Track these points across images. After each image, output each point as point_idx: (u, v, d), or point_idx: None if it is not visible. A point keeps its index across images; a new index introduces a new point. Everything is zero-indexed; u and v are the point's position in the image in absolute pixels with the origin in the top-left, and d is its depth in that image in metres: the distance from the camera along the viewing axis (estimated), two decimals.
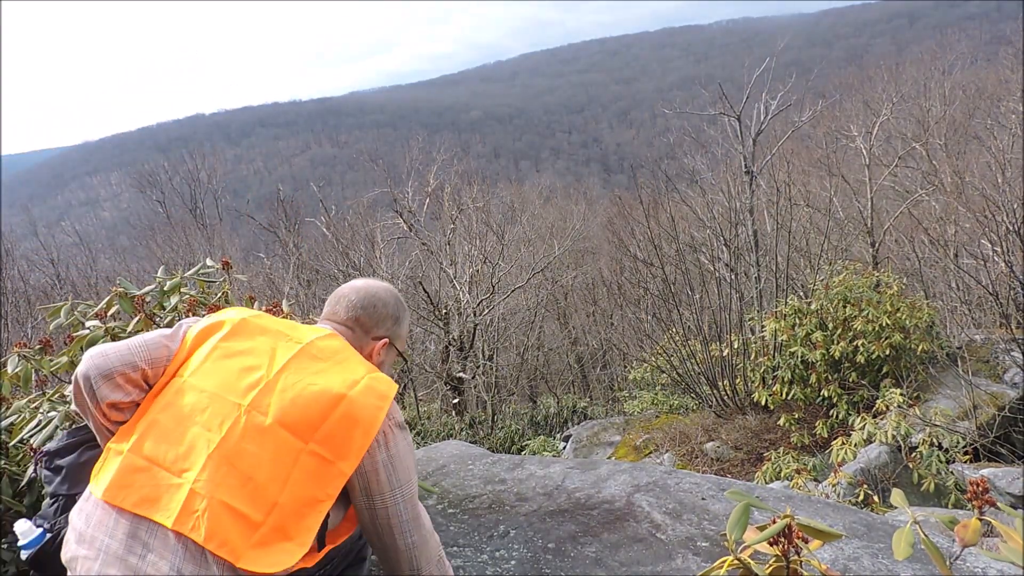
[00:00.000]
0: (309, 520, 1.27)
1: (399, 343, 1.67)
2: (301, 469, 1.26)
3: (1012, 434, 6.17)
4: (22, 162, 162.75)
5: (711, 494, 3.25)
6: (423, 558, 1.46)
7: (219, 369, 1.35)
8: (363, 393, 1.34)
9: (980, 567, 2.46)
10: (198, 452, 1.25)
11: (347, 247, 15.59)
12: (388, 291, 1.66)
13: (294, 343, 1.42)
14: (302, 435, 1.28)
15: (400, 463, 1.38)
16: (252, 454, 1.25)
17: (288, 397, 1.30)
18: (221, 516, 1.20)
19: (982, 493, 1.10)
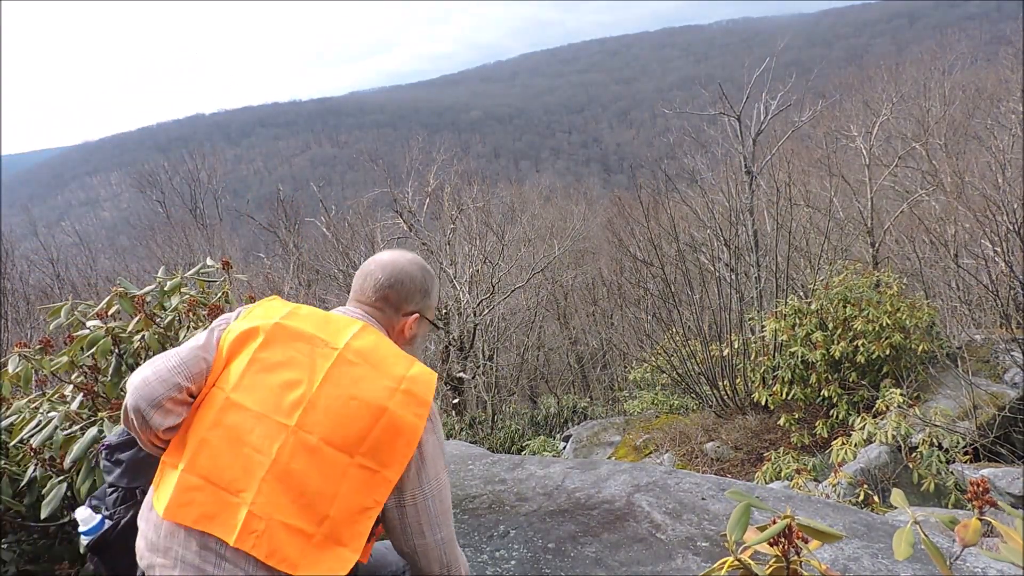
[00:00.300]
0: (360, 526, 1.33)
1: (429, 314, 1.68)
2: (349, 482, 1.32)
3: (1012, 434, 6.16)
4: (22, 162, 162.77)
5: (711, 494, 3.25)
6: (452, 556, 1.46)
7: (260, 385, 1.37)
8: (403, 403, 1.36)
9: (980, 567, 2.46)
10: (252, 474, 1.30)
11: (347, 247, 15.59)
12: (414, 264, 1.64)
13: (330, 349, 1.41)
14: (348, 451, 1.32)
15: (430, 460, 1.40)
16: (302, 472, 1.30)
17: (332, 415, 1.33)
18: (279, 534, 1.28)
19: (982, 493, 1.10)
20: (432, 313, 1.70)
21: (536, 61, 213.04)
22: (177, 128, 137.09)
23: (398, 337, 1.61)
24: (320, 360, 1.39)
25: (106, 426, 1.87)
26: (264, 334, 1.42)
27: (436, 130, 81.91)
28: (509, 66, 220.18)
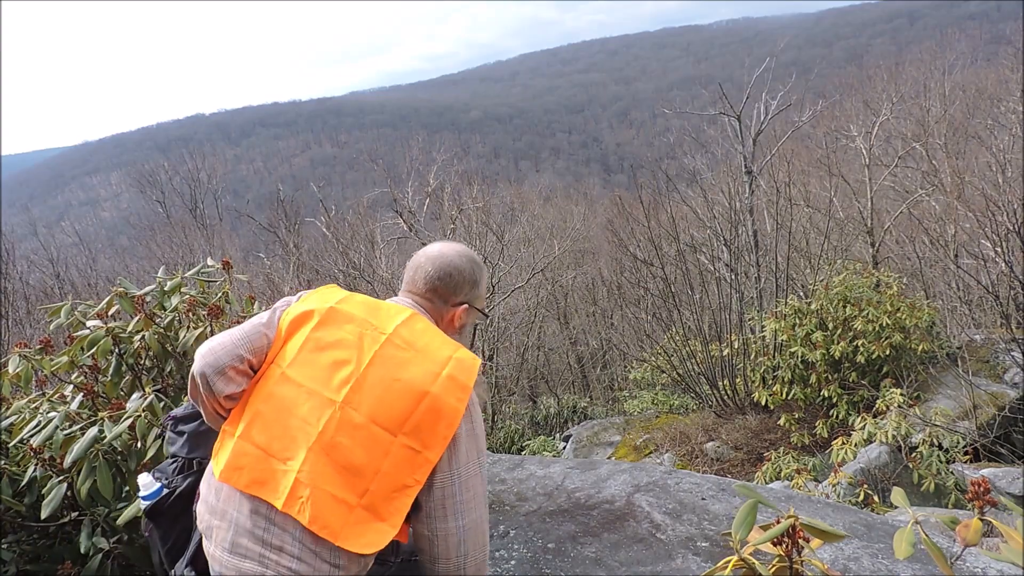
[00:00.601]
0: (399, 503, 1.39)
1: (478, 303, 1.73)
2: (392, 460, 1.38)
3: (1012, 434, 6.17)
4: (22, 162, 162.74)
5: (711, 494, 3.25)
6: (472, 546, 1.46)
7: (312, 362, 1.46)
8: (446, 388, 1.42)
9: (980, 567, 2.46)
10: (299, 444, 1.39)
11: (347, 247, 15.59)
12: (463, 256, 1.70)
13: (379, 333, 1.49)
14: (392, 430, 1.39)
15: (464, 446, 1.43)
16: (346, 446, 1.38)
17: (377, 394, 1.41)
18: (322, 502, 1.35)
19: (983, 493, 1.10)
20: (481, 303, 1.75)
21: (536, 61, 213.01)
22: (177, 128, 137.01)
23: (447, 326, 1.67)
24: (368, 343, 1.47)
25: (106, 426, 1.87)
26: (319, 316, 1.51)
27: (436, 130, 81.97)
28: (509, 66, 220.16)
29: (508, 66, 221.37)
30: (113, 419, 1.89)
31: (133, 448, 1.89)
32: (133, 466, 1.88)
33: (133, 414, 1.88)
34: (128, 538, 1.97)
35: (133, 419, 1.87)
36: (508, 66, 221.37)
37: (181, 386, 2.22)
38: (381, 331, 1.49)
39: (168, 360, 2.20)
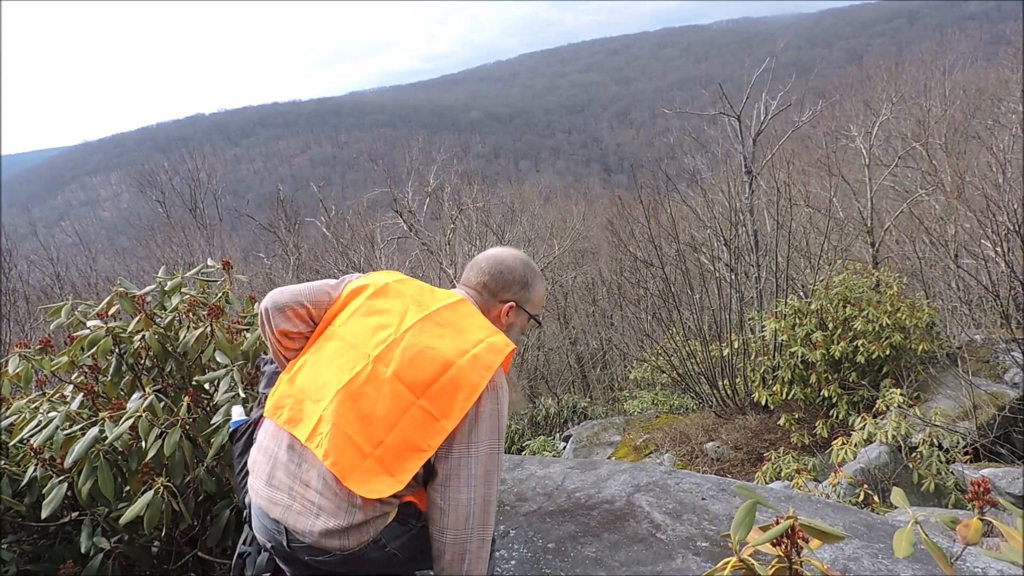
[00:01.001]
0: (409, 463, 1.47)
1: (529, 307, 1.81)
2: (410, 419, 1.47)
3: (1012, 434, 6.16)
4: (22, 162, 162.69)
5: (711, 494, 3.25)
6: (479, 518, 1.51)
7: (359, 324, 1.61)
8: (470, 363, 1.50)
9: (980, 567, 2.46)
10: (330, 387, 1.52)
11: (347, 247, 15.60)
12: (517, 258, 1.79)
13: (423, 309, 1.61)
14: (415, 390, 1.48)
15: (484, 423, 1.50)
16: (371, 396, 1.49)
17: (408, 356, 1.51)
18: (338, 441, 1.47)
19: (983, 493, 1.10)
20: (533, 308, 1.82)
21: (536, 61, 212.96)
22: (177, 128, 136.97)
23: (494, 322, 1.74)
24: (411, 315, 1.60)
25: (107, 426, 1.87)
26: (374, 288, 1.67)
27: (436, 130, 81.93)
28: (509, 66, 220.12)
29: (508, 66, 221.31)
30: (114, 419, 1.89)
31: (134, 448, 1.89)
32: (134, 466, 1.88)
33: (134, 414, 1.88)
34: (128, 538, 1.98)
35: (134, 419, 1.87)
36: (508, 66, 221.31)
37: (181, 386, 2.22)
38: (426, 307, 1.61)
39: (168, 360, 2.20)
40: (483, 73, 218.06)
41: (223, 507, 2.03)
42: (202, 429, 2.02)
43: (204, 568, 2.13)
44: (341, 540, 1.48)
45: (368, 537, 1.50)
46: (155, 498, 1.77)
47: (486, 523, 1.53)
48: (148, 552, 2.05)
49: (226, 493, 2.07)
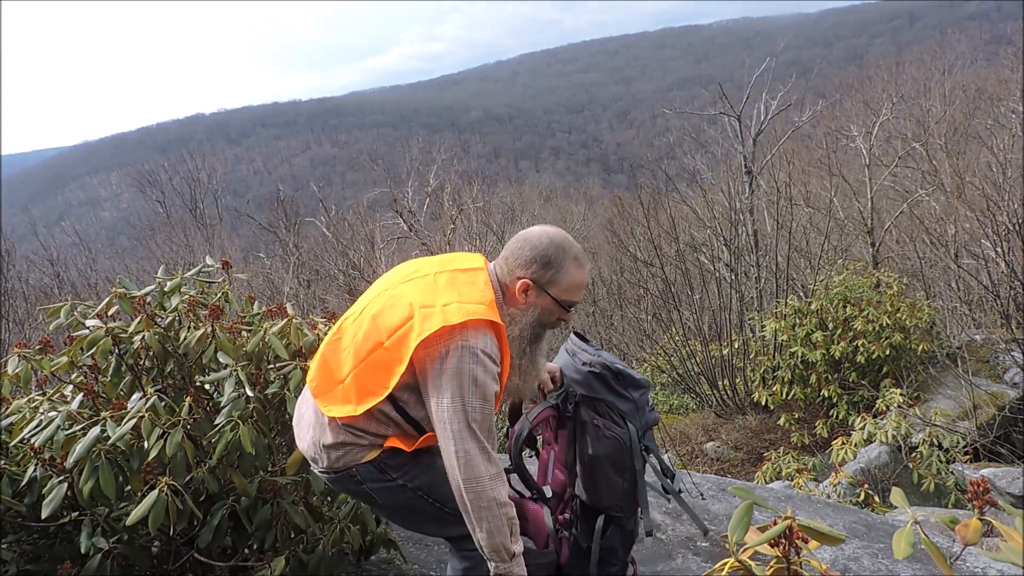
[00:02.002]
0: (367, 400, 1.64)
1: (551, 289, 1.72)
2: (377, 357, 1.63)
3: (1012, 434, 6.16)
4: (22, 162, 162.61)
5: (711, 494, 3.25)
6: (463, 471, 1.57)
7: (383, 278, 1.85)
8: (423, 316, 1.59)
9: (980, 567, 2.46)
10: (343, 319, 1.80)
11: (347, 247, 15.58)
12: (543, 236, 1.73)
13: (429, 271, 1.73)
14: (384, 333, 1.63)
15: (453, 377, 1.56)
16: (352, 333, 1.69)
17: (389, 303, 1.68)
18: (321, 368, 1.72)
19: (983, 493, 1.10)
20: (560, 291, 1.73)
21: (536, 61, 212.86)
22: (177, 128, 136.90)
23: (511, 299, 1.74)
24: (417, 276, 1.73)
25: (108, 426, 1.87)
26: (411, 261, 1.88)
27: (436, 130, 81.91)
28: (509, 66, 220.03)
29: (508, 66, 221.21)
30: (115, 419, 1.89)
31: (135, 448, 1.89)
32: (135, 466, 1.88)
33: (136, 414, 1.88)
34: (128, 538, 1.98)
35: (137, 419, 1.87)
36: (508, 66, 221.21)
37: (182, 386, 2.22)
38: (436, 269, 1.73)
39: (168, 360, 2.20)
40: (483, 73, 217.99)
41: (218, 508, 2.03)
42: (204, 430, 2.02)
43: (203, 569, 2.13)
44: (318, 454, 1.71)
45: (341, 463, 1.69)
46: (159, 498, 1.77)
47: (474, 477, 1.57)
48: (147, 552, 2.05)
49: (226, 493, 2.07)
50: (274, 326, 2.22)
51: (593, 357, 2.01)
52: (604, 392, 1.97)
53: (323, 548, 2.13)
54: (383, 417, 1.67)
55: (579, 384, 2.01)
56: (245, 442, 1.90)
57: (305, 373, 2.14)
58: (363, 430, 1.67)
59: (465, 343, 1.56)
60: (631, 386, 1.98)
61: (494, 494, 1.58)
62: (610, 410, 1.96)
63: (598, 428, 1.95)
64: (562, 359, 2.13)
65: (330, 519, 2.28)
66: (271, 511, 2.07)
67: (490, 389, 1.59)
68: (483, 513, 1.58)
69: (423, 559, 2.72)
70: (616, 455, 1.93)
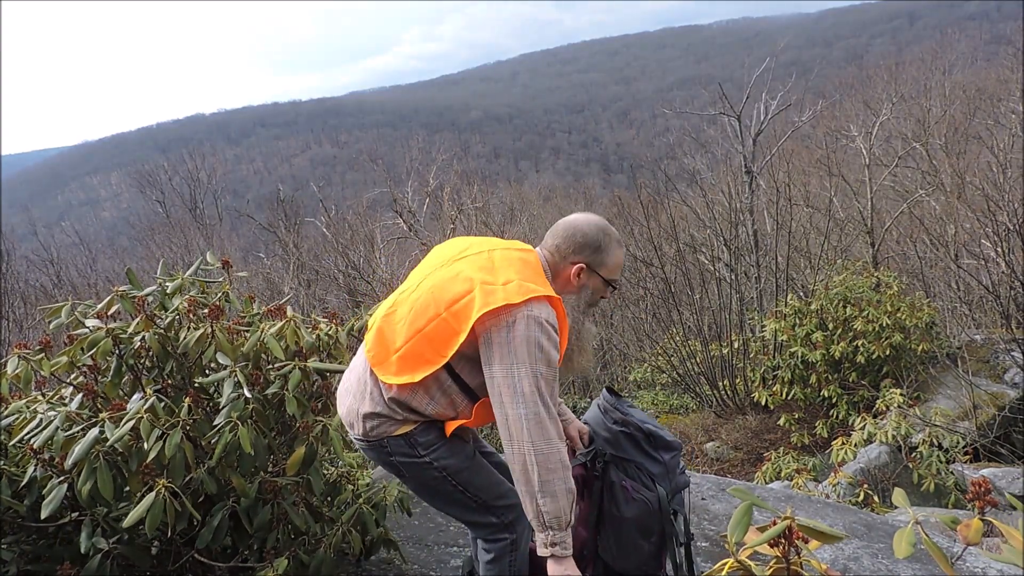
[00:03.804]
0: (422, 370, 1.71)
1: (603, 271, 1.86)
2: (434, 327, 1.69)
3: (1012, 434, 6.16)
4: (22, 162, 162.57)
5: (711, 494, 3.25)
6: (534, 432, 1.60)
7: (435, 252, 1.95)
8: (483, 293, 1.66)
9: (980, 567, 2.46)
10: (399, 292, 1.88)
11: (347, 247, 15.58)
12: (591, 223, 1.87)
13: (481, 249, 1.82)
14: (443, 305, 1.69)
15: (522, 344, 1.62)
16: (411, 303, 1.76)
17: (447, 276, 1.75)
18: (378, 338, 1.80)
19: (984, 493, 1.10)
20: (608, 272, 1.86)
21: (535, 61, 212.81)
22: (177, 128, 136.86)
23: (565, 283, 1.85)
24: (471, 253, 1.82)
25: (107, 427, 1.86)
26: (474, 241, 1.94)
27: (436, 130, 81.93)
28: (508, 66, 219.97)
29: (508, 66, 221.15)
30: (114, 420, 1.88)
31: (134, 449, 1.89)
32: (134, 467, 1.88)
33: (135, 415, 1.88)
34: (128, 538, 1.97)
35: (136, 420, 1.86)
36: (508, 66, 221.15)
37: (181, 386, 2.22)
38: (488, 248, 1.82)
39: (168, 360, 2.19)
40: (483, 73, 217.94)
41: (218, 509, 2.02)
42: (203, 430, 2.02)
43: (203, 569, 2.13)
44: (355, 421, 1.81)
45: (374, 433, 1.77)
46: (157, 499, 1.76)
47: (544, 439, 1.61)
48: (147, 552, 2.05)
49: (226, 494, 2.07)
50: (272, 327, 2.22)
51: (624, 416, 2.02)
52: (634, 453, 1.98)
53: (324, 549, 2.13)
54: (435, 387, 1.74)
55: (609, 444, 2.02)
56: (244, 443, 1.90)
57: (304, 373, 2.14)
58: (405, 403, 1.75)
59: (530, 313, 1.63)
60: (662, 448, 1.98)
61: (562, 456, 1.63)
62: (640, 472, 1.96)
63: (626, 490, 1.95)
64: (592, 416, 2.14)
65: (331, 520, 2.28)
66: (271, 512, 2.07)
67: (553, 356, 1.66)
68: (551, 476, 1.61)
69: (423, 559, 2.72)
70: (644, 518, 1.92)
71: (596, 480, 2.01)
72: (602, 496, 2.01)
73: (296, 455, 2.05)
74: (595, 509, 2.02)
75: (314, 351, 2.28)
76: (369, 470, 3.00)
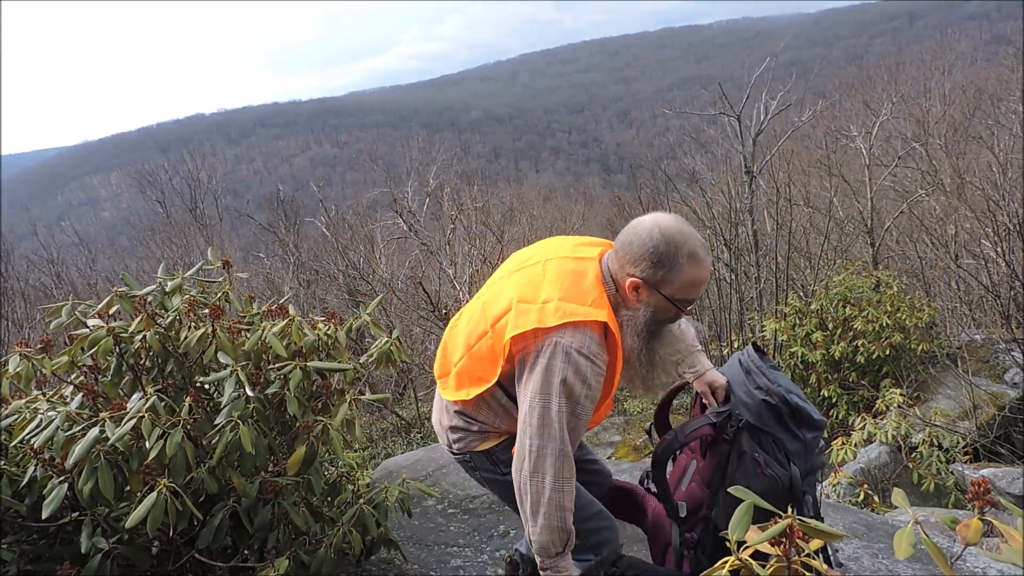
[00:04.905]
0: (476, 386, 1.69)
1: (665, 288, 1.58)
2: (482, 345, 1.67)
3: (1012, 434, 6.17)
4: (22, 162, 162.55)
5: None
6: (529, 464, 1.55)
7: (514, 257, 1.89)
8: (518, 313, 1.59)
9: (980, 567, 2.46)
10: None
11: (347, 247, 15.59)
12: (654, 229, 1.56)
13: (542, 257, 1.72)
14: (489, 322, 1.66)
15: (542, 374, 1.53)
16: (469, 317, 1.77)
17: (496, 292, 1.72)
18: (442, 353, 1.83)
19: (983, 493, 1.10)
20: (671, 290, 1.58)
21: (535, 61, 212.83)
22: (177, 128, 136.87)
23: (624, 296, 1.63)
24: (529, 264, 1.73)
25: (107, 426, 1.87)
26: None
27: (436, 130, 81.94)
28: (508, 66, 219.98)
29: (508, 66, 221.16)
30: (115, 419, 1.88)
31: (135, 448, 1.89)
32: (135, 466, 1.88)
33: (137, 414, 1.88)
34: (128, 538, 1.97)
35: (137, 420, 1.86)
36: (508, 66, 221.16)
37: (182, 386, 2.22)
38: (544, 259, 1.71)
39: (168, 360, 2.19)
40: (483, 73, 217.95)
41: (219, 508, 2.03)
42: (204, 430, 2.02)
43: (203, 569, 2.13)
44: (442, 434, 1.84)
45: (457, 447, 1.79)
46: (158, 499, 1.77)
47: (540, 473, 1.54)
48: (147, 552, 2.05)
49: (226, 494, 2.07)
50: (274, 326, 2.22)
51: (770, 384, 1.84)
52: (774, 426, 1.80)
53: (325, 549, 2.13)
54: (495, 403, 1.71)
55: (748, 409, 1.83)
56: (245, 442, 1.90)
57: (305, 373, 2.14)
58: (473, 417, 1.74)
59: (560, 340, 1.52)
60: (806, 425, 1.80)
61: (558, 497, 1.54)
62: (775, 447, 1.79)
63: (757, 463, 1.79)
64: (733, 372, 1.95)
65: (331, 520, 2.28)
66: (272, 512, 2.07)
67: (578, 390, 1.53)
68: (540, 510, 1.55)
69: (423, 559, 2.72)
70: (769, 497, 1.74)
71: (725, 443, 1.83)
72: (727, 461, 1.84)
73: (297, 455, 2.05)
74: (719, 472, 1.86)
75: (314, 351, 2.28)
76: (369, 470, 3.00)
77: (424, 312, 12.92)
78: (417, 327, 13.51)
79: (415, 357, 13.65)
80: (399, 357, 2.43)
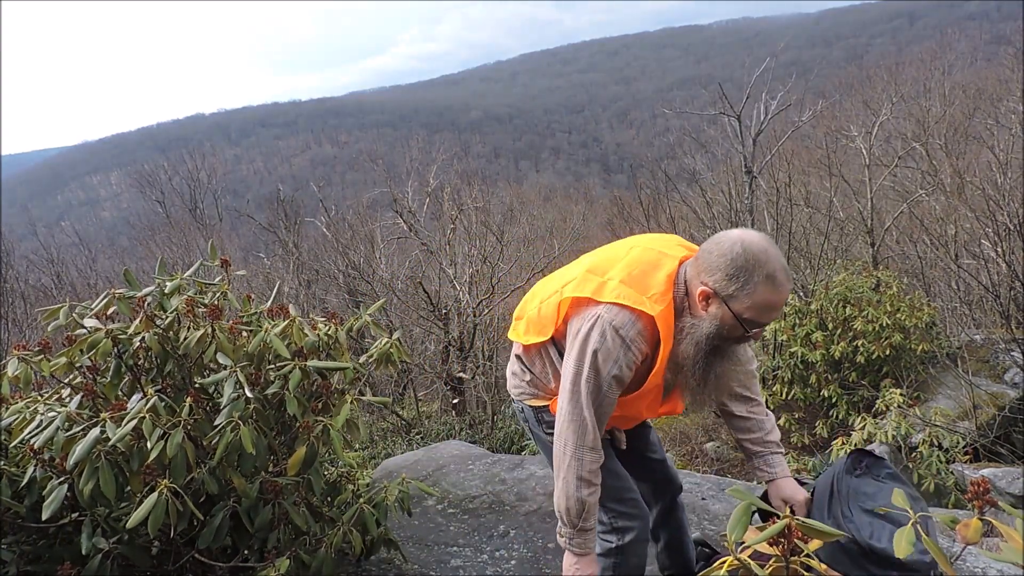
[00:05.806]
0: (533, 336, 1.84)
1: (735, 304, 1.52)
2: (551, 301, 1.79)
3: (1012, 434, 6.16)
4: (22, 162, 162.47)
5: (711, 494, 3.25)
6: (561, 425, 1.67)
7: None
8: (578, 282, 1.72)
9: (980, 567, 2.46)
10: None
11: (347, 247, 15.58)
12: (737, 243, 1.52)
13: (632, 244, 1.80)
14: (561, 282, 1.79)
15: (581, 343, 1.63)
16: (563, 273, 1.88)
17: (574, 263, 1.86)
18: (527, 297, 1.95)
19: (983, 493, 1.10)
20: (740, 307, 1.52)
21: (535, 61, 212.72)
22: (177, 128, 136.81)
23: (691, 303, 1.63)
24: (618, 245, 1.84)
25: (108, 427, 1.86)
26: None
27: (436, 130, 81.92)
28: (508, 66, 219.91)
29: (507, 66, 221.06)
30: (115, 420, 1.88)
31: (135, 449, 1.89)
32: (135, 467, 1.88)
33: (137, 415, 1.88)
34: (128, 538, 1.97)
35: (138, 420, 1.86)
36: (507, 66, 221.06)
37: (181, 386, 2.22)
38: (631, 244, 1.80)
39: (168, 361, 2.19)
40: (483, 73, 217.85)
41: (219, 508, 2.03)
42: (204, 430, 2.02)
43: (203, 569, 2.13)
44: (508, 377, 2.00)
45: (514, 393, 1.96)
46: (159, 500, 1.77)
47: (562, 436, 1.66)
48: (147, 553, 2.05)
49: (227, 494, 2.07)
50: (276, 326, 2.22)
51: (841, 518, 1.57)
52: (845, 563, 1.55)
53: (325, 549, 2.13)
54: (547, 358, 1.84)
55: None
56: (246, 442, 1.90)
57: (304, 373, 2.14)
58: (528, 367, 1.90)
59: (604, 314, 1.61)
60: (884, 565, 1.52)
61: (576, 465, 1.64)
62: None
63: None
64: (822, 489, 1.71)
65: (331, 520, 2.28)
66: (272, 512, 2.07)
67: (607, 367, 1.60)
68: (560, 473, 1.67)
69: (423, 559, 2.72)
70: None
71: None
72: None
73: (297, 455, 2.05)
74: None
75: (314, 351, 2.28)
76: (369, 470, 3.00)
77: (424, 312, 12.92)
78: (417, 327, 13.51)
79: (415, 357, 13.65)
80: (399, 357, 2.44)
